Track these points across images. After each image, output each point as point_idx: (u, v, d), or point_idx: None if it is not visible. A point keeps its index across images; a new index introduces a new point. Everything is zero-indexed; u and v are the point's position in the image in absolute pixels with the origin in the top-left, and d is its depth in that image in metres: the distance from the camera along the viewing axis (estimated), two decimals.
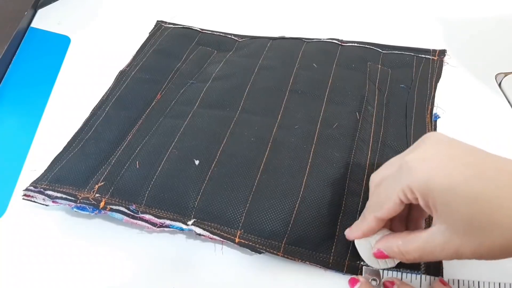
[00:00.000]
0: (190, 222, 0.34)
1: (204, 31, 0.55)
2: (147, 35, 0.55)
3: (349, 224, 0.34)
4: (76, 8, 0.60)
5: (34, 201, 0.36)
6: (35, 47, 0.55)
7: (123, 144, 0.40)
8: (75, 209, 0.35)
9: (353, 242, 0.33)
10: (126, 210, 0.35)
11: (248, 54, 0.51)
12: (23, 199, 0.36)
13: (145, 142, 0.40)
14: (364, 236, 0.31)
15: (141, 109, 0.44)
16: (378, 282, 0.31)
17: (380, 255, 0.30)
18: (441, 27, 0.56)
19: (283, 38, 0.53)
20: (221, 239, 0.33)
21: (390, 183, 0.28)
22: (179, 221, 0.34)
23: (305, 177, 0.37)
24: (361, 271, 0.32)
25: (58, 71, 0.51)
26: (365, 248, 0.31)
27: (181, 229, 0.34)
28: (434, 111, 0.43)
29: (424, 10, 0.59)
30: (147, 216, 0.35)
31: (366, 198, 0.36)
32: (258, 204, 0.35)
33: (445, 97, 0.45)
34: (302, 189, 0.36)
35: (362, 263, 0.32)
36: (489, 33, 0.55)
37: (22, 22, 0.54)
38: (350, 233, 0.32)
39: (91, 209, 0.35)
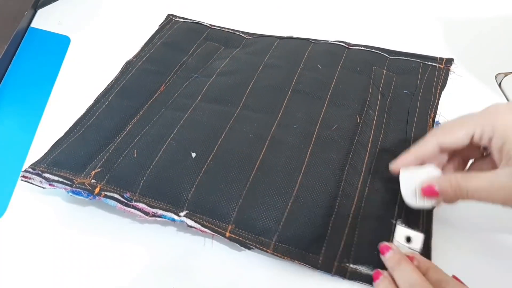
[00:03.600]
0: (182, 214, 0.34)
1: (213, 27, 0.56)
2: (147, 35, 0.54)
3: (341, 226, 0.34)
4: (76, 8, 0.60)
5: (32, 183, 0.37)
6: (35, 47, 0.54)
7: (123, 133, 0.41)
8: (70, 193, 0.35)
9: (344, 243, 0.33)
10: (120, 198, 0.35)
11: (255, 52, 0.51)
12: (21, 180, 0.37)
13: (144, 132, 0.41)
14: (416, 160, 0.31)
15: (143, 100, 0.44)
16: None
17: (428, 191, 0.30)
18: (441, 28, 0.55)
19: (291, 38, 0.53)
20: (212, 233, 0.33)
21: (471, 117, 0.29)
22: (172, 212, 0.34)
23: (300, 177, 0.36)
24: (350, 274, 0.32)
25: (58, 71, 0.51)
26: (406, 184, 0.31)
27: (173, 220, 0.34)
28: (436, 119, 0.43)
29: (423, 11, 0.58)
30: (140, 205, 0.35)
31: (359, 201, 0.36)
32: (251, 201, 0.35)
33: (445, 97, 0.45)
34: (296, 188, 0.36)
35: (351, 266, 0.32)
36: (489, 34, 0.55)
37: (22, 22, 0.54)
38: (401, 159, 0.32)
39: (85, 194, 0.35)
